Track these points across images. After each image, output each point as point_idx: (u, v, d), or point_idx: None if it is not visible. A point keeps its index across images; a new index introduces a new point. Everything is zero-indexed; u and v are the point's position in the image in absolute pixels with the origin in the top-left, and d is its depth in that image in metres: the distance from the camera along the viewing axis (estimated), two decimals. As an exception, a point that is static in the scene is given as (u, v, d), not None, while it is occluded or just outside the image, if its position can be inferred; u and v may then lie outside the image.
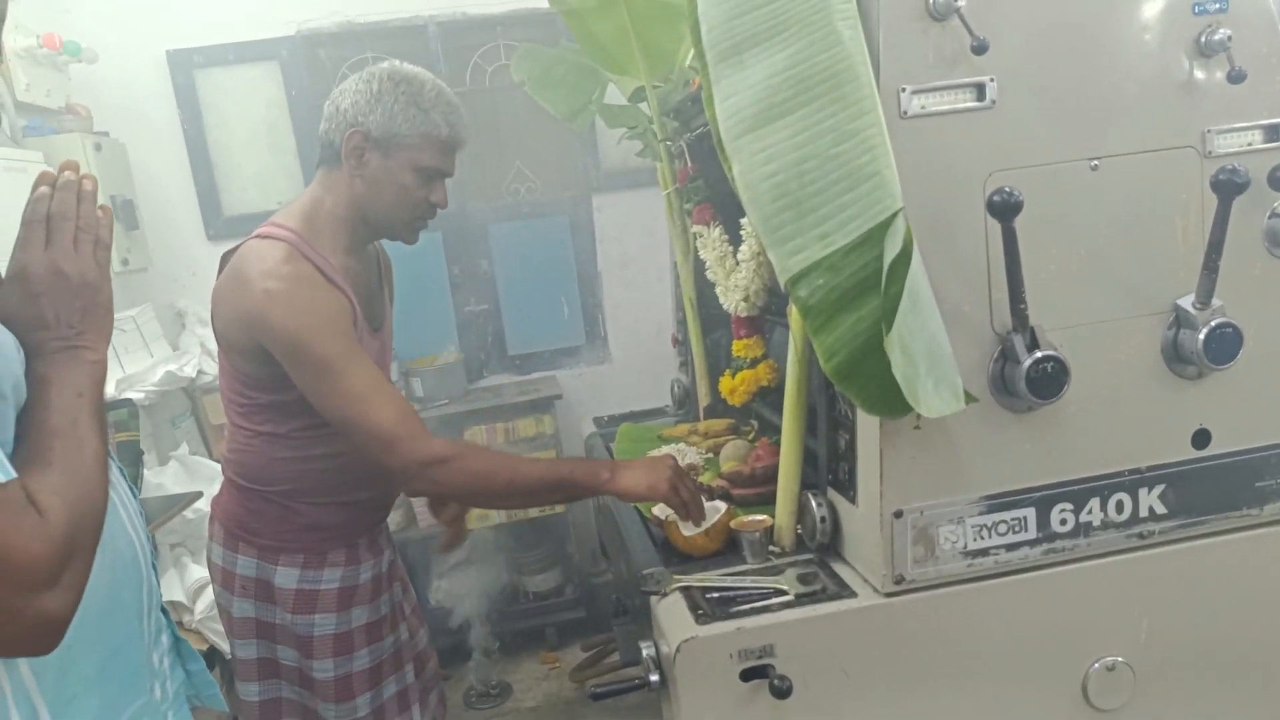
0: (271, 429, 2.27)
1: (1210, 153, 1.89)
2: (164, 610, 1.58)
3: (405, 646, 2.55)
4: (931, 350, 1.70)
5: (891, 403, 1.70)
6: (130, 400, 3.74)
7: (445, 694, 2.82)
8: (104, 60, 4.32)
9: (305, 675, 2.37)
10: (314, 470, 2.31)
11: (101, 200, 1.41)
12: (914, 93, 1.80)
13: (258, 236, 2.16)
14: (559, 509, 4.66)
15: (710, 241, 2.91)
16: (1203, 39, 1.86)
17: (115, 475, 1.43)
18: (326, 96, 2.27)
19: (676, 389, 3.67)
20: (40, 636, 1.15)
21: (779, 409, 2.21)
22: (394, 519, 3.81)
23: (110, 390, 3.69)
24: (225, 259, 2.23)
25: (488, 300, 5.10)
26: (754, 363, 2.85)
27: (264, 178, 4.82)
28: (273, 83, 4.79)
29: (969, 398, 1.77)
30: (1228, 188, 1.72)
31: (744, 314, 2.79)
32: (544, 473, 2.16)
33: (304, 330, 2.03)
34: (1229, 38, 1.84)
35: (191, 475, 3.99)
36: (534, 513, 4.65)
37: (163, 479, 3.88)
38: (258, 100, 4.81)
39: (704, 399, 3.34)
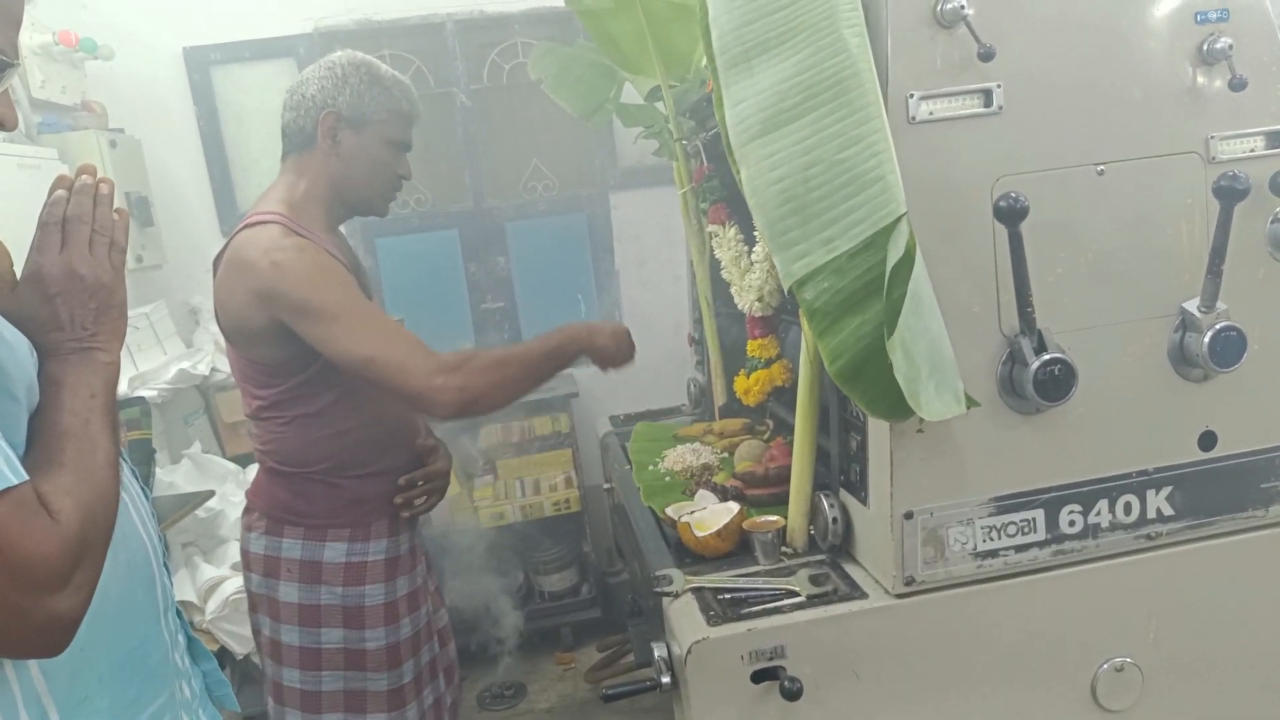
0: (303, 410, 2.33)
1: (1214, 158, 1.91)
2: (178, 611, 1.59)
3: (433, 619, 2.66)
4: (933, 353, 1.72)
5: (895, 405, 1.72)
6: (143, 398, 3.75)
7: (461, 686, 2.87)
8: (121, 57, 4.36)
9: (353, 653, 2.43)
10: (350, 443, 2.38)
11: (117, 198, 1.42)
12: (922, 98, 1.82)
13: (247, 227, 2.28)
14: (574, 508, 4.66)
15: (725, 241, 2.92)
16: (1205, 47, 1.88)
17: (127, 476, 1.43)
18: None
19: (693, 388, 3.68)
20: (50, 638, 1.15)
21: (794, 408, 2.22)
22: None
23: (123, 388, 3.70)
24: (217, 262, 2.33)
25: (504, 298, 5.12)
26: (768, 363, 2.86)
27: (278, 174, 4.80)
28: (289, 79, 4.75)
29: (970, 401, 1.78)
30: (1229, 194, 1.74)
31: (758, 314, 2.81)
32: (539, 347, 2.29)
33: (312, 287, 2.15)
34: (1230, 46, 1.86)
35: (204, 474, 4.01)
36: (549, 511, 4.65)
37: (175, 477, 3.90)
38: (274, 97, 4.78)
39: (720, 398, 3.35)
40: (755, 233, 2.68)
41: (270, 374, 2.31)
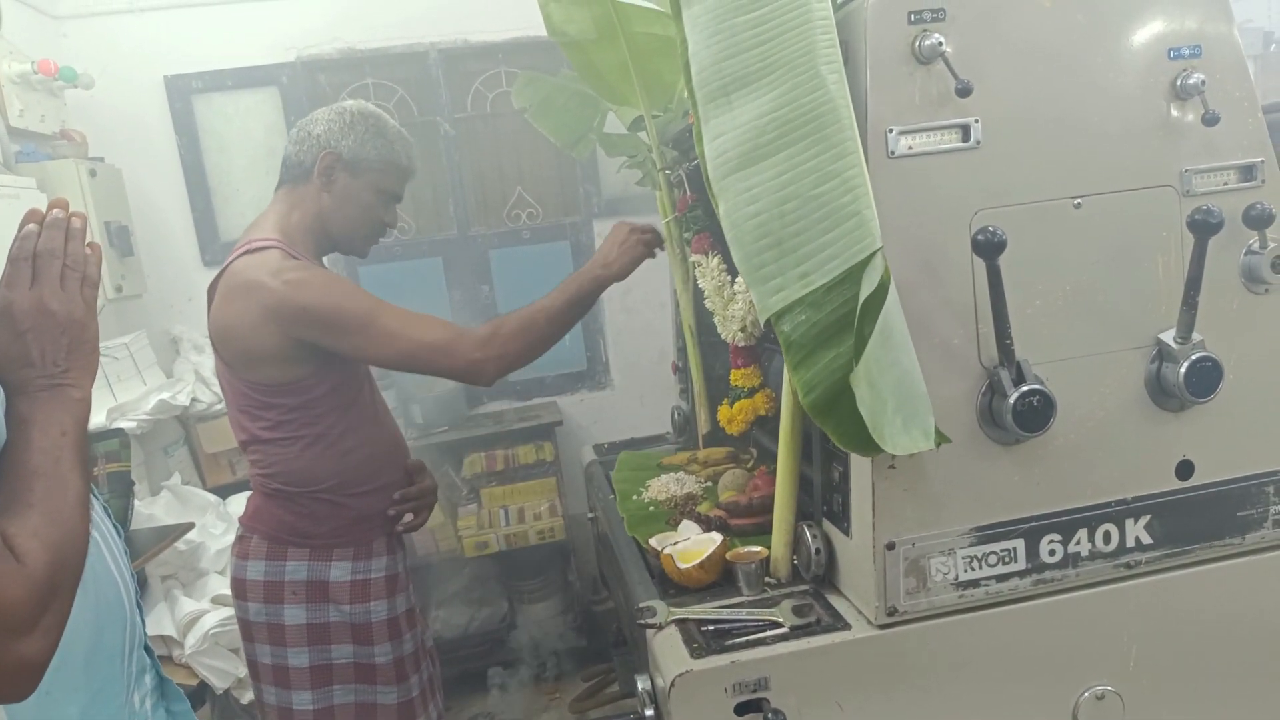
0: (309, 430, 2.40)
1: (1189, 191, 1.93)
2: (148, 649, 1.57)
3: (424, 638, 2.75)
4: (902, 387, 1.73)
5: (867, 439, 1.72)
6: (121, 430, 3.70)
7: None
8: (101, 85, 4.34)
9: (363, 667, 2.51)
10: (353, 462, 2.47)
11: (94, 227, 1.39)
12: (901, 133, 1.83)
13: (247, 252, 2.34)
14: (558, 536, 4.63)
15: (709, 271, 2.92)
16: (1178, 82, 1.90)
17: (98, 513, 1.41)
18: (325, 122, 2.48)
19: (677, 416, 3.67)
20: (16, 683, 1.12)
21: (777, 438, 2.22)
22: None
23: (101, 419, 3.69)
24: (212, 290, 2.39)
25: (489, 325, 5.07)
26: (751, 392, 2.85)
27: (262, 202, 4.62)
28: (272, 108, 4.82)
29: (940, 437, 1.78)
30: (1203, 227, 1.76)
31: (741, 344, 2.80)
32: (562, 297, 2.42)
33: (337, 298, 2.29)
34: (1203, 82, 1.89)
35: (184, 505, 3.98)
36: (533, 540, 4.61)
37: (154, 509, 3.86)
38: (257, 125, 4.83)
39: (704, 427, 3.34)
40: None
41: (275, 393, 2.36)
